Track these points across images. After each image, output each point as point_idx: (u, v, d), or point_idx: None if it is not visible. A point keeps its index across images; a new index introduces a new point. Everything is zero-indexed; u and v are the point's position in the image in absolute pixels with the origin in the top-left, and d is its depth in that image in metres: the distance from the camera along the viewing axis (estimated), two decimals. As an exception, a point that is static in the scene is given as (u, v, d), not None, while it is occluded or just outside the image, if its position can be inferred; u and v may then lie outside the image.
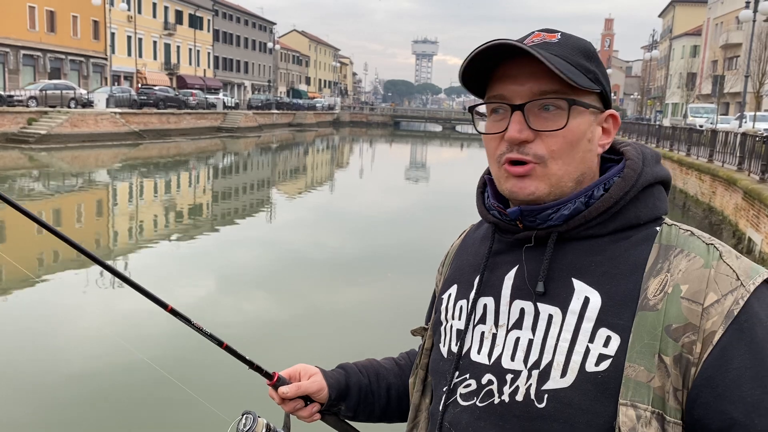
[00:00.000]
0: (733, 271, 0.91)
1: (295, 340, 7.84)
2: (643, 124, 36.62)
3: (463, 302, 1.11)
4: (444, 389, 1.08)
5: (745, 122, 27.24)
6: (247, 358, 1.26)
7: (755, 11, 26.12)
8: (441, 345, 1.13)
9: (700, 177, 17.69)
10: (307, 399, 1.27)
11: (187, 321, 1.22)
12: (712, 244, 0.95)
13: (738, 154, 15.55)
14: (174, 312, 1.23)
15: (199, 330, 1.23)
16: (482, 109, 1.06)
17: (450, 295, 1.15)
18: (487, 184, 1.13)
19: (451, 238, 1.34)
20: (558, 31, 1.01)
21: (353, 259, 12.47)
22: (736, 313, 0.88)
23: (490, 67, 1.02)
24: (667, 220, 1.01)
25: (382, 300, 9.81)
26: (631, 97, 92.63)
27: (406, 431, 1.22)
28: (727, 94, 47.40)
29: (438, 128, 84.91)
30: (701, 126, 28.85)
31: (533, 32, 1.02)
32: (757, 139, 14.42)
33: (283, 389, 1.25)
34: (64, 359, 7.02)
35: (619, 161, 1.06)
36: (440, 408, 1.07)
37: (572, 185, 1.00)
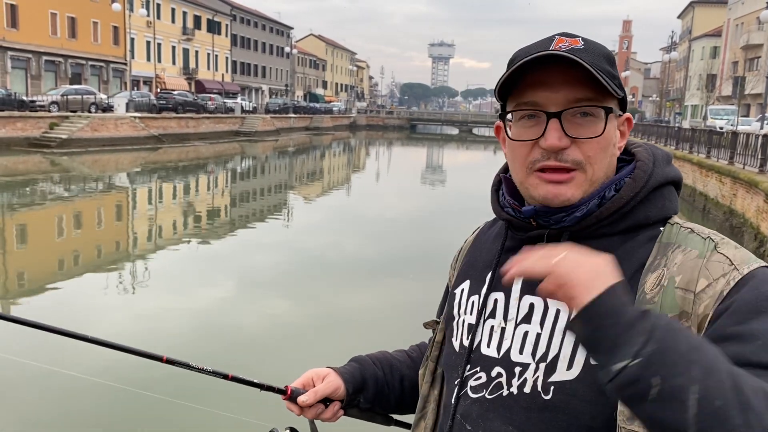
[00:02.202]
0: (727, 257, 0.92)
1: (314, 341, 7.86)
2: (662, 127, 36.33)
3: (475, 297, 1.14)
4: (456, 382, 1.11)
5: (767, 124, 26.89)
6: (256, 381, 1.26)
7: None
8: (453, 339, 1.16)
9: (720, 179, 17.47)
10: (326, 400, 1.28)
11: (186, 366, 1.23)
12: (709, 237, 0.96)
13: (759, 156, 15.36)
14: (170, 361, 1.23)
15: (201, 370, 1.23)
16: (508, 115, 1.06)
17: (462, 290, 1.18)
18: (502, 182, 1.15)
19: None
20: (578, 36, 1.02)
21: (371, 261, 12.48)
22: (726, 293, 0.88)
23: (517, 74, 1.02)
24: (674, 219, 1.03)
25: (399, 301, 9.80)
26: (650, 99, 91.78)
27: (414, 420, 1.24)
28: (748, 96, 46.86)
29: (455, 131, 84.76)
30: (721, 128, 28.52)
31: (555, 37, 1.02)
32: (779, 140, 14.24)
33: (302, 398, 1.25)
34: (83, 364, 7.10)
35: (631, 161, 1.08)
36: (452, 400, 1.10)
37: (598, 187, 1.03)
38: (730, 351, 0.81)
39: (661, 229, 1.00)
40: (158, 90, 52.11)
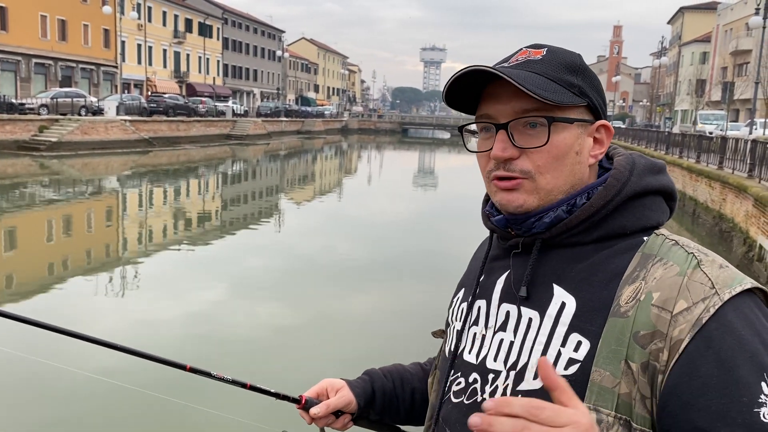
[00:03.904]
0: (709, 279, 0.89)
1: (308, 346, 7.84)
2: (652, 131, 36.52)
3: (464, 305, 1.16)
4: (443, 388, 1.13)
5: (756, 129, 27.13)
6: (272, 390, 1.31)
7: (765, 18, 26.04)
8: (446, 345, 1.19)
9: (710, 184, 17.58)
10: (337, 412, 1.33)
11: (208, 375, 1.28)
12: (692, 253, 0.93)
13: (748, 161, 15.46)
14: (194, 370, 1.28)
15: (221, 379, 1.28)
16: (474, 127, 1.09)
17: (458, 298, 1.21)
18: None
19: (460, 244, 1.37)
20: (545, 47, 1.04)
21: (364, 265, 12.47)
22: (705, 321, 0.86)
23: (480, 87, 1.05)
24: (661, 230, 1.01)
25: (393, 306, 9.80)
26: (640, 104, 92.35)
27: (423, 429, 1.25)
28: (737, 101, 47.22)
29: (446, 135, 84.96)
30: (711, 133, 28.74)
31: (520, 49, 1.06)
32: (768, 145, 14.35)
33: (313, 410, 1.29)
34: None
35: None
36: (438, 404, 1.13)
37: (563, 197, 1.03)
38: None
39: (645, 239, 0.98)
40: (149, 93, 51.92)
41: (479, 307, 1.11)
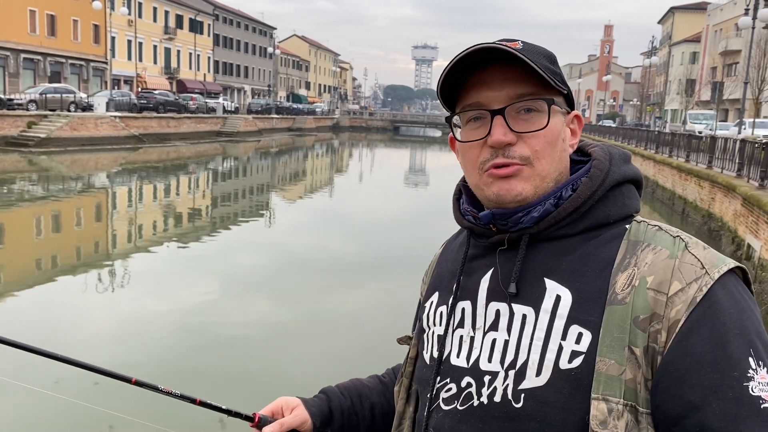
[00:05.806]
0: (698, 260, 0.92)
1: (297, 344, 7.82)
2: (642, 131, 36.68)
3: (443, 308, 1.12)
4: (428, 395, 1.09)
5: (744, 129, 27.29)
6: (224, 407, 1.25)
7: (754, 18, 26.19)
8: (424, 352, 1.15)
9: (699, 183, 17.69)
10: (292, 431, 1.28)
11: (154, 388, 1.22)
12: (678, 236, 0.97)
13: (737, 161, 15.56)
14: (139, 383, 1.22)
15: (169, 393, 1.23)
16: (456, 119, 1.08)
17: (432, 302, 1.17)
18: (462, 191, 1.15)
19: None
20: (518, 40, 1.04)
21: (354, 263, 12.45)
22: (699, 300, 0.89)
23: (459, 78, 1.04)
24: (638, 217, 1.03)
25: (383, 304, 9.78)
26: (631, 103, 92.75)
27: None
28: (726, 101, 47.52)
29: (437, 133, 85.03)
30: (700, 132, 28.89)
31: (494, 42, 1.04)
32: (756, 145, 14.43)
33: (267, 429, 1.24)
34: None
35: (587, 162, 1.08)
36: (425, 414, 1.09)
37: (552, 185, 1.02)
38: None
39: (627, 227, 1.00)
40: (139, 89, 51.62)
41: (463, 309, 1.08)
